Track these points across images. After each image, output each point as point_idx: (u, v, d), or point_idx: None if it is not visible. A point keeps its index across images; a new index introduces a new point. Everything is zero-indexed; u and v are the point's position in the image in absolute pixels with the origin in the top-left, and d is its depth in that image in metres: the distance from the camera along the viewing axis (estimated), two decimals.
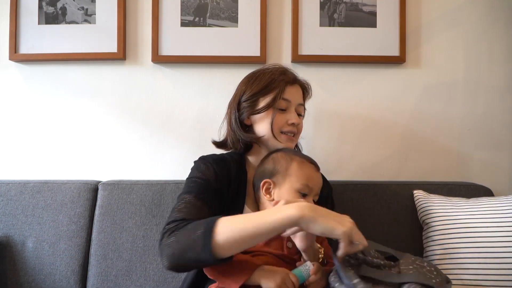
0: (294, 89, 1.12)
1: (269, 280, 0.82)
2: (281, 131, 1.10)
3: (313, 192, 0.98)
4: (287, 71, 1.14)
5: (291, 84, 1.11)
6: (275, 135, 1.08)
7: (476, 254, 1.11)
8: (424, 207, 1.27)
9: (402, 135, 1.54)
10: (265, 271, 0.84)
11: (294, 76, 1.14)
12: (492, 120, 1.54)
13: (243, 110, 1.11)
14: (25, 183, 1.35)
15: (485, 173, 1.54)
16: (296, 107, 1.12)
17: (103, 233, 1.29)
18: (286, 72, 1.13)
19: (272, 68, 1.14)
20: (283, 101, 1.09)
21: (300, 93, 1.15)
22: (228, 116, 1.15)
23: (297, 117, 1.11)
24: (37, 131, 1.54)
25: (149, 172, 1.52)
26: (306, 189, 0.96)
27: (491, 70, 1.54)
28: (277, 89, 1.09)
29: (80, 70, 1.54)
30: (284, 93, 1.09)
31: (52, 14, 1.52)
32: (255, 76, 1.13)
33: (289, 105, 1.11)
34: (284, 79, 1.10)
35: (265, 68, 1.15)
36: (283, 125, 1.10)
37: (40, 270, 1.26)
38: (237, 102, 1.13)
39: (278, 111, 1.09)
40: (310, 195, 0.97)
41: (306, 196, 0.96)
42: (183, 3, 1.51)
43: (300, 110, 1.15)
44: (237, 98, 1.13)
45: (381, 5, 1.51)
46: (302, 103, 1.15)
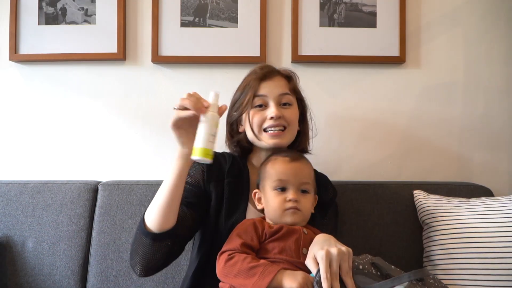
0: (270, 83, 1.09)
1: (292, 281, 0.81)
2: (264, 128, 1.06)
3: (293, 183, 0.95)
4: (261, 68, 1.12)
5: (265, 79, 1.09)
6: (256, 134, 1.07)
7: (476, 254, 1.11)
8: (424, 207, 1.27)
9: (402, 135, 1.55)
10: (287, 273, 0.83)
11: (268, 70, 1.11)
12: (492, 121, 1.55)
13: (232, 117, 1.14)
14: (25, 184, 1.35)
15: (485, 173, 1.54)
16: (276, 98, 1.07)
17: (103, 233, 1.29)
18: (260, 69, 1.11)
19: (250, 70, 1.14)
20: (258, 98, 1.07)
21: (280, 84, 1.10)
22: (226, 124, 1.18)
23: (276, 110, 1.05)
24: (37, 131, 1.54)
25: (149, 173, 1.52)
26: (281, 184, 0.95)
27: (491, 70, 1.54)
28: (251, 89, 1.08)
29: (80, 71, 1.54)
30: (259, 90, 1.07)
31: (52, 15, 1.52)
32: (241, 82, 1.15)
33: (266, 99, 1.07)
34: (257, 77, 1.09)
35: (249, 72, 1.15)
36: (263, 121, 1.06)
37: (40, 271, 1.26)
38: (229, 110, 1.14)
39: (256, 109, 1.07)
40: (291, 188, 0.95)
41: (286, 189, 0.95)
42: (183, 4, 1.51)
43: (286, 100, 1.09)
44: (229, 107, 1.15)
45: (381, 5, 1.51)
46: (284, 93, 1.09)
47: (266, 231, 0.91)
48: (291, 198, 0.93)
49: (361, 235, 1.29)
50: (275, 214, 0.95)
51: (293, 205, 0.93)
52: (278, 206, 0.94)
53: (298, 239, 0.90)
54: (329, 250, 0.79)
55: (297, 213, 0.93)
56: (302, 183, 0.96)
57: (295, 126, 1.10)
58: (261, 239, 0.91)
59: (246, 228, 0.93)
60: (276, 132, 1.05)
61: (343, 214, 1.29)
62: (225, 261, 0.87)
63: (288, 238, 0.90)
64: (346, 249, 0.81)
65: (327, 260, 0.78)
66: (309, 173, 0.99)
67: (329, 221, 1.11)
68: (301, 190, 0.96)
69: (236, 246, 0.88)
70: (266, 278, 0.81)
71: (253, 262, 0.85)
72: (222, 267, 0.87)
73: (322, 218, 1.08)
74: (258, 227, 0.92)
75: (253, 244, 0.90)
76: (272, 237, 0.91)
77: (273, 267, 0.83)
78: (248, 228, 0.92)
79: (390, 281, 0.78)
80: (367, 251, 0.90)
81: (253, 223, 0.93)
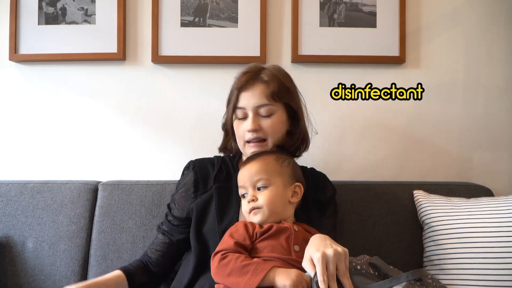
0: (248, 93, 1.04)
1: (285, 278, 0.80)
2: (246, 140, 1.05)
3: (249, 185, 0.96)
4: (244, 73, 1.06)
5: (244, 89, 1.04)
6: (241, 148, 1.08)
7: (476, 254, 1.11)
8: (424, 207, 1.27)
9: (402, 135, 1.54)
10: (279, 270, 0.83)
11: (247, 78, 1.04)
12: (492, 120, 1.54)
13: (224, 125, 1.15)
14: (25, 184, 1.35)
15: (485, 173, 1.54)
16: (254, 110, 1.03)
17: (103, 233, 1.29)
18: (242, 75, 1.06)
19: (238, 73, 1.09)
20: (239, 110, 1.05)
21: (258, 93, 1.03)
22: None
23: (253, 123, 1.02)
24: (37, 131, 1.54)
25: (149, 173, 1.52)
26: (242, 190, 0.98)
27: (491, 70, 1.54)
28: (232, 100, 1.06)
29: (80, 71, 1.54)
30: (238, 102, 1.05)
31: (52, 15, 1.52)
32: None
33: (246, 111, 1.04)
34: (237, 87, 1.05)
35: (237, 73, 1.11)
36: (244, 133, 1.05)
37: (40, 271, 1.26)
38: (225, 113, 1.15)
39: (239, 121, 1.06)
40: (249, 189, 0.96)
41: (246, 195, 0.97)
42: (183, 3, 1.51)
43: (265, 111, 1.03)
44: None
45: (381, 5, 1.51)
46: (261, 104, 1.03)
47: (256, 230, 0.92)
48: (248, 200, 0.96)
49: (361, 235, 1.29)
50: (247, 219, 0.97)
51: (251, 207, 0.95)
52: (245, 210, 0.98)
53: (289, 237, 0.91)
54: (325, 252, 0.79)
55: (258, 212, 0.94)
56: (255, 181, 0.96)
57: (276, 135, 1.05)
58: (252, 238, 0.92)
59: (238, 229, 0.93)
60: (255, 143, 1.04)
61: (343, 214, 1.29)
62: (218, 261, 0.87)
63: (278, 236, 0.91)
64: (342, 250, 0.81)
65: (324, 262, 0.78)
66: (260, 168, 0.97)
67: (329, 220, 1.11)
68: (258, 187, 0.96)
69: (230, 246, 0.89)
70: (259, 275, 0.81)
71: (246, 260, 0.85)
72: (216, 266, 0.88)
73: (321, 217, 1.08)
74: (249, 228, 0.93)
75: (245, 243, 0.90)
76: (262, 236, 0.91)
77: (266, 265, 0.83)
78: (240, 228, 0.93)
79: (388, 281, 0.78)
80: (367, 251, 0.90)
81: (244, 224, 0.94)
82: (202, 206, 1.05)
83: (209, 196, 1.06)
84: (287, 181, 0.99)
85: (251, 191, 0.96)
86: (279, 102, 1.05)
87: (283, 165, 1.00)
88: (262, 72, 1.07)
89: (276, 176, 0.97)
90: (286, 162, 1.01)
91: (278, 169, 0.98)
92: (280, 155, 1.03)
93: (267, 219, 0.94)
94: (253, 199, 0.95)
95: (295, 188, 1.00)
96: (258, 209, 0.94)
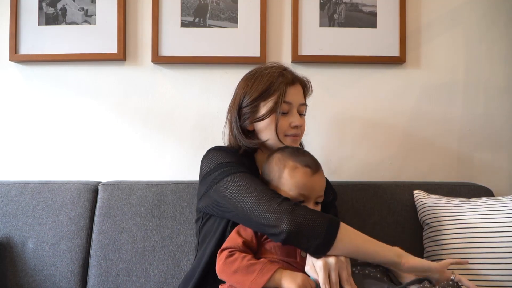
0: (294, 89, 1.08)
1: (291, 282, 0.81)
2: (285, 134, 1.07)
3: (312, 197, 0.93)
4: (285, 70, 1.10)
5: (291, 85, 1.07)
6: (280, 139, 1.06)
7: (476, 254, 1.11)
8: (425, 207, 1.27)
9: (402, 135, 1.55)
10: (286, 273, 0.83)
11: (293, 75, 1.10)
12: (492, 120, 1.55)
13: (244, 116, 1.08)
14: (25, 184, 1.35)
15: (485, 173, 1.54)
16: (298, 107, 1.09)
17: (103, 233, 1.29)
18: (284, 72, 1.09)
19: (270, 68, 1.09)
20: (285, 104, 1.06)
21: (300, 92, 1.11)
22: (229, 122, 1.12)
23: (299, 119, 1.08)
24: (37, 131, 1.54)
25: (149, 173, 1.52)
26: (301, 197, 0.93)
27: (491, 70, 1.54)
28: (277, 92, 1.05)
29: (80, 71, 1.54)
30: (286, 96, 1.05)
31: (52, 15, 1.52)
32: (253, 78, 1.08)
33: (291, 107, 1.08)
34: (284, 81, 1.06)
35: (263, 68, 1.10)
36: (287, 128, 1.07)
37: (40, 271, 1.26)
38: (237, 107, 1.09)
39: (281, 115, 1.06)
40: (308, 201, 0.93)
41: (303, 202, 0.93)
42: (183, 4, 1.51)
43: (302, 110, 1.11)
44: (236, 103, 1.10)
45: (381, 6, 1.51)
46: (303, 103, 1.11)
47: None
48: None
49: None
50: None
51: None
52: None
53: None
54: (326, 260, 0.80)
55: None
56: (318, 196, 0.95)
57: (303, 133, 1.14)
58: (260, 239, 0.91)
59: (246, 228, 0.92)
60: (295, 137, 1.09)
61: (343, 214, 1.29)
62: (225, 258, 0.87)
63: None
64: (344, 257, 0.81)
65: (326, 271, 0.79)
66: (324, 184, 0.98)
67: None
68: (316, 202, 0.95)
69: (237, 244, 0.89)
70: (265, 275, 0.81)
71: (252, 260, 0.85)
72: (222, 263, 0.87)
73: None
74: None
75: (252, 244, 0.90)
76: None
77: (272, 265, 0.83)
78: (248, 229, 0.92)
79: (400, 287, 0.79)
80: None
81: None
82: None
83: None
84: None
85: (312, 204, 0.93)
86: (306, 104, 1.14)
87: None
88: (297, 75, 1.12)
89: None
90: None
91: None
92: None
93: None
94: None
95: None
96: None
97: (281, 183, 0.95)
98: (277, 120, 1.05)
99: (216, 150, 1.07)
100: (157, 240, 1.27)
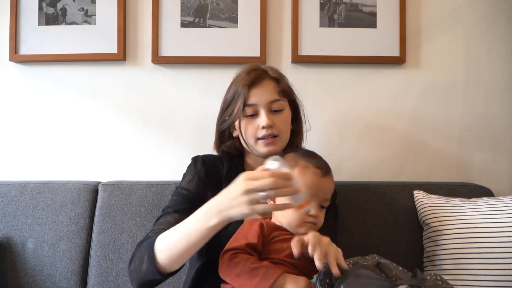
0: (259, 89, 1.05)
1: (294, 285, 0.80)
2: (258, 137, 1.04)
3: (319, 199, 0.93)
4: (249, 71, 1.07)
5: (254, 86, 1.04)
6: (250, 144, 1.06)
7: (476, 254, 1.11)
8: (425, 207, 1.27)
9: (402, 135, 1.54)
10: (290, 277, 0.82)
11: (255, 75, 1.05)
12: (492, 121, 1.54)
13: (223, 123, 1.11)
14: (25, 184, 1.35)
15: (485, 173, 1.54)
16: (266, 106, 1.04)
17: (103, 234, 1.29)
18: (247, 73, 1.06)
19: (240, 71, 1.10)
20: (249, 108, 1.04)
21: (269, 89, 1.06)
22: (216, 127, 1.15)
23: (268, 119, 1.03)
24: (37, 132, 1.54)
25: (149, 173, 1.52)
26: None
27: (491, 70, 1.54)
28: (241, 96, 1.04)
29: (80, 71, 1.54)
30: (248, 99, 1.03)
31: (52, 15, 1.52)
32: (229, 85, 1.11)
33: (257, 108, 1.04)
34: (245, 83, 1.04)
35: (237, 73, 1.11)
36: (257, 131, 1.04)
37: (40, 271, 1.26)
38: (220, 114, 1.12)
39: (248, 118, 1.05)
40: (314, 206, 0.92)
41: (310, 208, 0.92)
42: (183, 4, 1.51)
43: (275, 107, 1.06)
44: (220, 110, 1.12)
45: (381, 6, 1.51)
46: (274, 99, 1.05)
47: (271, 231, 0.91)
48: (313, 214, 0.92)
49: (361, 235, 1.29)
50: (291, 224, 0.93)
51: (313, 221, 0.92)
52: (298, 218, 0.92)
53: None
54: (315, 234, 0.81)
55: (313, 227, 0.92)
56: (325, 199, 0.95)
57: (287, 131, 1.09)
58: (266, 239, 0.91)
59: (252, 228, 0.91)
60: (269, 140, 1.04)
61: (343, 214, 1.29)
62: (228, 260, 0.86)
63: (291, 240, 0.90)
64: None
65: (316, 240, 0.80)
66: (333, 189, 0.97)
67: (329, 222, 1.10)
68: (321, 205, 0.94)
69: (241, 246, 0.88)
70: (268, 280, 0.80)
71: (256, 263, 0.84)
72: (225, 266, 0.86)
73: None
74: (264, 228, 0.91)
75: (257, 245, 0.89)
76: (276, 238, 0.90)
77: (276, 270, 0.83)
78: (254, 228, 0.91)
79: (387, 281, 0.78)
80: (368, 251, 0.90)
81: (260, 224, 0.92)
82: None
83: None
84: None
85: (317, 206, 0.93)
86: (286, 98, 1.09)
87: None
88: (267, 70, 1.09)
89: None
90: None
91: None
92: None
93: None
94: (317, 215, 0.92)
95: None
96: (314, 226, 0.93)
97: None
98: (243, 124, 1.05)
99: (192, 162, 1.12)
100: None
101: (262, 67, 1.10)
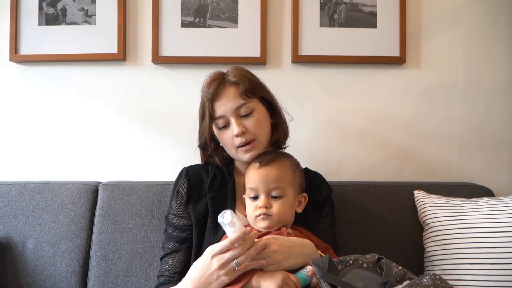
0: (221, 100, 1.03)
1: (270, 282, 0.82)
2: (236, 146, 1.04)
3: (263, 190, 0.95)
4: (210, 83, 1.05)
5: (216, 98, 1.03)
6: (232, 154, 1.07)
7: (477, 254, 1.11)
8: (425, 207, 1.27)
9: (402, 135, 1.54)
10: (264, 274, 0.84)
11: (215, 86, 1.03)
12: (492, 121, 1.54)
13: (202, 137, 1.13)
14: (26, 184, 1.35)
15: (486, 173, 1.54)
16: (234, 114, 1.03)
17: (104, 234, 1.29)
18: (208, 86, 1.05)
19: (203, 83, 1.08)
20: (219, 120, 1.04)
21: (231, 96, 1.03)
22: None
23: (238, 127, 1.01)
24: (38, 132, 1.54)
25: (150, 173, 1.52)
26: (252, 192, 0.96)
27: (491, 70, 1.54)
28: (208, 112, 1.05)
29: (80, 71, 1.54)
30: (215, 112, 1.04)
31: (53, 15, 1.52)
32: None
33: (226, 118, 1.04)
34: (208, 98, 1.04)
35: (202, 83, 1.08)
36: (233, 140, 1.04)
37: (40, 271, 1.26)
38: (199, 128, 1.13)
39: (222, 130, 1.06)
40: (262, 194, 0.95)
41: (257, 198, 0.95)
42: (183, 4, 1.51)
43: (244, 110, 1.03)
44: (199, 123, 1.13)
45: (381, 6, 1.51)
46: (240, 105, 1.03)
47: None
48: (261, 205, 0.94)
49: (361, 235, 1.29)
50: (250, 221, 0.97)
51: (262, 212, 0.94)
52: (251, 213, 0.96)
53: None
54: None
55: (268, 218, 0.94)
56: (271, 189, 0.95)
57: (262, 131, 1.06)
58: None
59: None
60: (247, 147, 1.03)
61: (344, 214, 1.29)
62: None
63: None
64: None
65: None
66: (278, 176, 0.96)
67: (326, 218, 1.11)
68: (272, 195, 0.95)
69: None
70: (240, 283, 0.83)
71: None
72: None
73: (318, 217, 1.09)
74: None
75: None
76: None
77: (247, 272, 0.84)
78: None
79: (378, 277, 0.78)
80: (368, 251, 0.90)
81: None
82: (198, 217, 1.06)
83: (204, 206, 1.06)
84: (297, 191, 1.00)
85: (264, 198, 0.95)
86: (254, 97, 1.06)
87: (296, 174, 1.00)
88: (226, 76, 1.07)
89: (290, 186, 0.97)
90: (298, 171, 1.01)
91: (292, 179, 0.99)
92: (293, 160, 1.03)
93: (274, 226, 0.94)
94: (266, 206, 0.94)
95: (301, 198, 1.01)
96: (268, 216, 0.94)
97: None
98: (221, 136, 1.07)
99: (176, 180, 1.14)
100: (157, 240, 1.27)
101: (222, 73, 1.09)
